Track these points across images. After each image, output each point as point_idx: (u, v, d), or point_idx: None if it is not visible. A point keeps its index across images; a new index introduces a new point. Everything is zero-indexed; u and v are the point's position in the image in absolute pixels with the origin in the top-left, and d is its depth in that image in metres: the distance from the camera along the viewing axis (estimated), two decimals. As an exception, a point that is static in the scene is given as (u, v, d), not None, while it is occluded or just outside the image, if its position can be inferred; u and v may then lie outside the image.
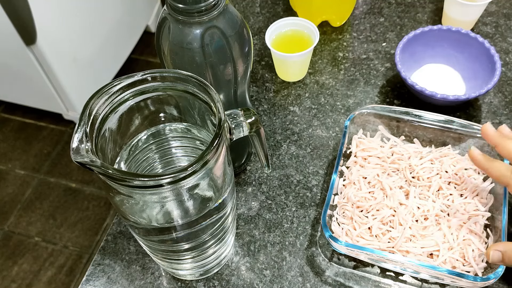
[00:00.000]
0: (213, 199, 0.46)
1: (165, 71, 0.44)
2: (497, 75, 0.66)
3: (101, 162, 0.38)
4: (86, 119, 0.40)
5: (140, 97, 0.45)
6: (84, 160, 0.37)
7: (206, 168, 0.39)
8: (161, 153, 0.51)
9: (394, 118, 0.62)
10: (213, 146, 0.39)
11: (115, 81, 0.43)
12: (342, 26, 0.83)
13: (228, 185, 0.47)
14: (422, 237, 0.55)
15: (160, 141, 0.51)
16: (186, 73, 0.43)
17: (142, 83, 0.44)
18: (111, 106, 0.43)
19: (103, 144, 0.44)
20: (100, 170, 0.37)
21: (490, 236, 0.54)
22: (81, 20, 1.45)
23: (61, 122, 1.68)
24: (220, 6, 0.49)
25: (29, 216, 1.52)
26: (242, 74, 0.56)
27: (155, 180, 0.37)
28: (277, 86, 0.76)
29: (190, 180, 0.39)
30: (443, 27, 0.72)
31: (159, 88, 0.45)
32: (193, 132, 0.50)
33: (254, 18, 0.86)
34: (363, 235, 0.56)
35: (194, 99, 0.45)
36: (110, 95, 0.42)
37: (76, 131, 0.39)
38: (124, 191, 0.40)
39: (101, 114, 0.42)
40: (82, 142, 0.38)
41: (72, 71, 1.48)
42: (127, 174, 0.38)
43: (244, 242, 0.60)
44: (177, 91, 0.45)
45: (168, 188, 0.39)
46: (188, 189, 0.42)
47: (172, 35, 0.51)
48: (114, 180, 0.38)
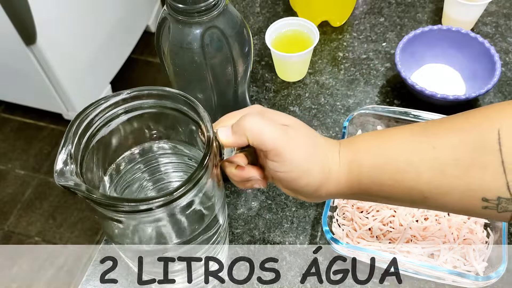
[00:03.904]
0: (206, 216, 0.44)
1: (153, 89, 0.42)
2: (497, 75, 0.66)
3: (86, 187, 0.36)
4: (71, 139, 0.39)
5: (127, 115, 0.43)
6: (68, 184, 0.36)
7: (197, 187, 0.38)
8: (150, 171, 0.50)
9: (393, 118, 0.62)
10: (203, 166, 0.38)
11: (101, 100, 0.41)
12: (342, 26, 0.83)
13: (219, 200, 0.46)
14: (422, 238, 0.55)
15: (148, 158, 0.49)
16: (174, 91, 0.42)
17: (129, 101, 0.42)
18: (98, 125, 0.42)
19: (89, 165, 0.42)
20: (85, 195, 0.36)
21: (490, 236, 0.54)
22: (81, 20, 1.45)
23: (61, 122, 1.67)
24: (220, 6, 0.49)
25: (29, 216, 1.51)
26: (242, 74, 0.56)
27: (144, 204, 0.36)
28: (277, 86, 0.76)
29: (181, 202, 0.38)
30: (443, 27, 0.72)
31: (146, 106, 0.43)
32: (181, 149, 0.49)
33: (254, 18, 0.86)
34: (364, 236, 0.56)
35: (183, 116, 0.43)
36: (96, 114, 0.41)
37: (60, 152, 0.38)
38: (111, 215, 0.39)
39: (87, 134, 0.41)
40: (66, 164, 0.37)
41: (72, 71, 1.48)
42: (114, 199, 0.37)
43: (244, 242, 0.60)
44: (165, 109, 0.44)
45: (159, 211, 0.38)
46: (180, 210, 0.40)
47: (172, 35, 0.51)
48: (101, 205, 0.37)
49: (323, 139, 0.43)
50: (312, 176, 0.40)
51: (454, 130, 0.38)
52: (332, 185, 0.41)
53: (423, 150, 0.38)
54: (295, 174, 0.40)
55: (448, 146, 0.37)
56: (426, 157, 0.38)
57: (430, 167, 0.38)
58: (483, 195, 0.37)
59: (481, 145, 0.36)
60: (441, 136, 0.38)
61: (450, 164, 0.37)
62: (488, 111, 0.38)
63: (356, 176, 0.41)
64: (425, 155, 0.38)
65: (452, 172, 0.37)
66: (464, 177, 0.37)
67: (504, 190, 0.36)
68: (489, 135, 0.36)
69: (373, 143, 0.41)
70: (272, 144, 0.39)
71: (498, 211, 0.37)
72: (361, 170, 0.40)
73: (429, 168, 0.38)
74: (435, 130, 0.39)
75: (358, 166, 0.40)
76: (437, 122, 0.40)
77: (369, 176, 0.40)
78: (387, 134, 0.41)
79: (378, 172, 0.40)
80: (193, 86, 0.56)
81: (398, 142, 0.40)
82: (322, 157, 0.41)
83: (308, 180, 0.40)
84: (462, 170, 0.37)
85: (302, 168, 0.40)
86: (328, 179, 0.41)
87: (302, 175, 0.40)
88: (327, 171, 0.41)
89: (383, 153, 0.40)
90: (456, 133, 0.38)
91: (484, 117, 0.37)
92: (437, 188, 0.38)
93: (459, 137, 0.37)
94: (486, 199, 0.37)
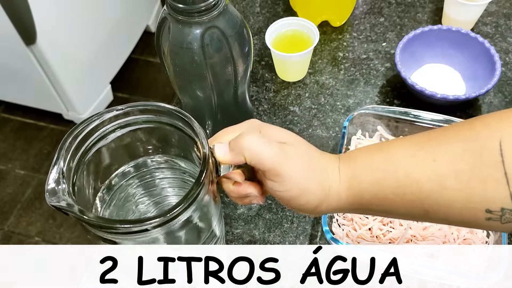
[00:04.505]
0: (203, 231, 0.44)
1: (147, 104, 0.42)
2: (497, 75, 0.66)
3: (79, 208, 0.35)
4: (63, 157, 0.38)
5: (120, 131, 0.43)
6: (60, 204, 0.35)
7: (193, 205, 0.38)
8: (144, 186, 0.49)
9: (393, 118, 0.62)
10: (199, 184, 0.37)
11: (94, 116, 0.41)
12: (342, 26, 0.83)
13: (216, 214, 0.45)
14: (422, 238, 0.55)
15: (143, 173, 0.48)
16: (170, 107, 0.41)
17: (122, 117, 0.42)
18: (91, 142, 0.41)
19: (82, 182, 0.41)
20: (77, 216, 0.35)
21: (490, 236, 0.54)
22: (81, 20, 1.45)
23: (61, 122, 1.67)
24: (220, 6, 0.49)
25: (29, 216, 1.51)
26: (242, 74, 0.56)
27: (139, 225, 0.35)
28: (277, 86, 0.76)
29: (177, 221, 0.38)
30: (443, 27, 0.72)
31: (140, 121, 0.43)
32: (177, 163, 0.48)
33: (254, 18, 0.86)
34: (364, 236, 0.56)
35: (178, 132, 0.43)
36: (89, 130, 0.40)
37: (51, 171, 0.37)
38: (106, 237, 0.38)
39: (80, 150, 0.40)
40: (59, 183, 0.36)
41: (72, 71, 1.48)
42: (108, 221, 0.36)
43: (244, 242, 0.60)
44: (160, 124, 0.43)
45: (155, 232, 0.37)
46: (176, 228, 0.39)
47: (172, 35, 0.51)
48: (94, 227, 0.36)
49: (322, 155, 0.42)
50: (312, 193, 0.40)
51: (454, 141, 0.38)
52: (333, 201, 0.41)
53: (423, 163, 0.38)
54: (294, 193, 0.40)
55: (448, 158, 0.37)
56: (426, 170, 0.37)
57: (430, 180, 0.37)
58: (487, 207, 0.36)
59: (483, 157, 0.36)
60: (440, 148, 0.38)
61: (450, 177, 0.37)
62: (488, 120, 0.38)
63: (356, 192, 0.40)
64: (425, 168, 0.37)
65: (453, 185, 0.37)
66: (466, 189, 0.36)
67: (508, 201, 0.35)
68: (490, 146, 0.36)
69: (373, 158, 0.40)
70: (270, 164, 0.39)
71: (501, 222, 0.37)
72: (361, 186, 0.40)
73: (429, 181, 0.37)
74: (434, 142, 0.38)
75: (358, 183, 0.40)
76: (436, 133, 0.39)
77: (370, 191, 0.40)
78: (386, 147, 0.41)
79: (378, 187, 0.39)
80: (193, 86, 0.56)
81: (398, 156, 0.39)
82: (321, 174, 0.40)
83: (308, 198, 0.40)
84: (463, 183, 0.36)
85: (301, 187, 0.40)
86: (328, 196, 0.40)
87: (301, 193, 0.40)
88: (327, 188, 0.40)
89: (382, 167, 0.39)
90: (456, 145, 0.37)
91: (484, 126, 0.37)
92: (438, 201, 0.37)
93: (459, 148, 0.37)
94: (489, 211, 0.36)
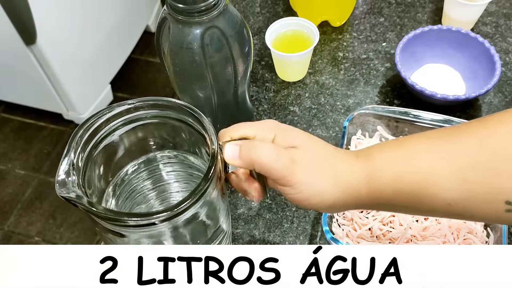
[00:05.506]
0: (211, 227, 0.44)
1: (158, 99, 0.42)
2: (497, 75, 0.66)
3: (88, 200, 0.36)
4: (73, 149, 0.38)
5: (131, 125, 0.43)
6: (70, 196, 0.36)
7: (201, 200, 0.38)
8: (153, 180, 0.49)
9: (393, 118, 0.62)
10: (208, 179, 0.37)
11: (105, 109, 0.41)
12: (342, 26, 0.83)
13: (224, 210, 0.45)
14: (422, 238, 0.55)
15: (152, 168, 0.49)
16: (180, 102, 0.42)
17: (133, 111, 0.42)
18: (102, 135, 0.41)
19: (92, 175, 0.42)
20: (86, 208, 0.36)
21: (490, 235, 0.54)
22: (81, 20, 1.45)
23: (61, 122, 1.67)
24: (220, 6, 0.49)
25: (29, 216, 1.52)
26: (242, 74, 0.56)
27: (147, 218, 0.36)
28: (277, 86, 0.76)
29: (185, 215, 0.38)
30: (443, 27, 0.72)
31: (150, 116, 0.43)
32: (186, 158, 0.49)
33: (254, 18, 0.86)
34: (364, 236, 0.56)
35: (187, 127, 0.43)
36: (100, 123, 0.41)
37: (62, 162, 0.37)
38: (113, 229, 0.39)
39: (90, 143, 0.40)
40: (69, 175, 0.37)
41: (72, 71, 1.48)
42: (116, 213, 0.36)
43: (244, 242, 0.60)
44: (170, 119, 0.43)
45: (163, 226, 0.38)
46: (184, 223, 0.40)
47: (172, 35, 0.51)
48: (102, 219, 0.36)
49: (337, 153, 0.42)
50: (326, 192, 0.40)
51: (471, 137, 0.38)
52: (351, 197, 0.41)
53: (443, 157, 0.38)
54: (305, 195, 0.40)
55: (466, 153, 0.37)
56: (447, 164, 0.38)
57: (451, 174, 0.37)
58: (507, 199, 0.37)
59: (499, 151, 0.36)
60: (458, 143, 0.38)
61: (470, 171, 0.37)
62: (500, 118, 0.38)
63: (377, 188, 0.40)
64: (446, 163, 0.38)
65: (473, 178, 0.37)
66: (486, 182, 0.37)
67: None
68: (506, 141, 0.36)
69: (392, 153, 0.40)
70: (280, 175, 0.39)
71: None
72: (382, 181, 0.40)
73: (450, 175, 0.37)
74: (451, 138, 0.39)
75: (379, 177, 0.40)
76: (451, 130, 0.40)
77: (391, 186, 0.40)
78: (405, 143, 0.41)
79: (400, 182, 0.39)
80: (193, 86, 0.56)
81: (417, 151, 0.39)
82: (336, 173, 0.40)
83: (322, 198, 0.40)
84: (482, 176, 0.37)
85: (312, 188, 0.40)
86: (344, 192, 0.40)
87: (314, 194, 0.40)
88: (343, 186, 0.40)
89: (403, 162, 0.39)
90: (472, 140, 0.38)
91: (498, 123, 0.38)
92: (460, 195, 0.38)
93: (475, 144, 0.37)
94: (509, 202, 0.37)
